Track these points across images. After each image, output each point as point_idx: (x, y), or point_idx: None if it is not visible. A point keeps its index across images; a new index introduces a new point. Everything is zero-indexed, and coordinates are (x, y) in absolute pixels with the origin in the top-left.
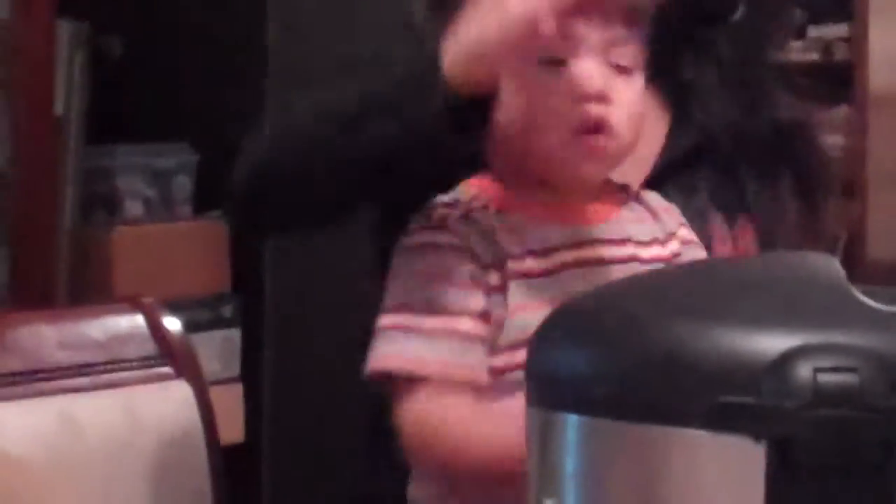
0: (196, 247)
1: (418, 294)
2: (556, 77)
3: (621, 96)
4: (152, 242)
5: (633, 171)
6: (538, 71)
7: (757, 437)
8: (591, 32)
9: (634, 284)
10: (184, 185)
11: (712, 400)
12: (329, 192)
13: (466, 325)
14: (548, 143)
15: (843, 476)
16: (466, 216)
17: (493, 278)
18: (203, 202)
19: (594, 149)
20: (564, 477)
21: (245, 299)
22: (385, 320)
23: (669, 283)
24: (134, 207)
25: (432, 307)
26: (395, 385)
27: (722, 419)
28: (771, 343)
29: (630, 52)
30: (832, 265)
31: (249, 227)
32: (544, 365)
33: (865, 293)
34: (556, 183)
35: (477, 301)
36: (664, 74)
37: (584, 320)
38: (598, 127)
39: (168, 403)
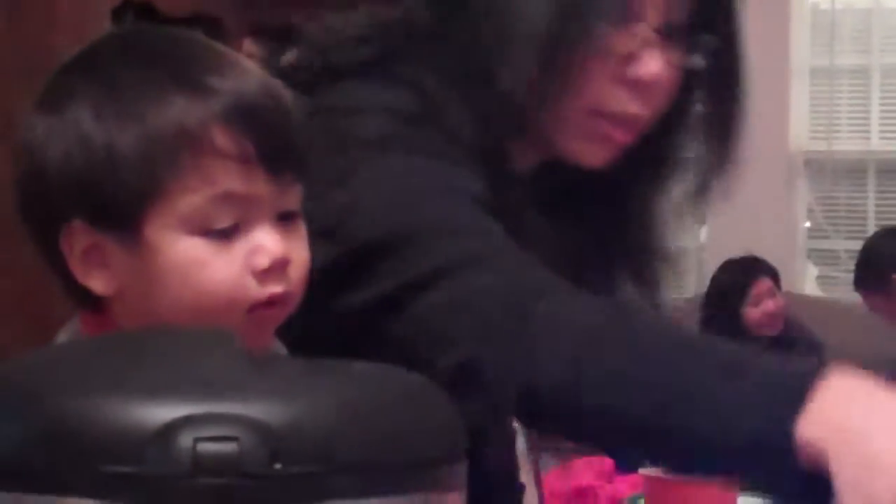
0: None
1: None
2: (226, 251)
3: (296, 254)
4: None
5: None
6: (202, 245)
7: None
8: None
9: (37, 357)
10: None
11: (96, 470)
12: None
13: None
14: (219, 321)
15: None
16: None
17: None
18: None
19: (268, 321)
20: None
21: None
22: None
23: (70, 355)
24: None
25: None
26: None
27: (105, 489)
28: (156, 413)
29: (298, 193)
30: (231, 337)
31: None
32: None
33: (258, 364)
34: None
35: None
36: None
37: None
38: (273, 299)
39: None
